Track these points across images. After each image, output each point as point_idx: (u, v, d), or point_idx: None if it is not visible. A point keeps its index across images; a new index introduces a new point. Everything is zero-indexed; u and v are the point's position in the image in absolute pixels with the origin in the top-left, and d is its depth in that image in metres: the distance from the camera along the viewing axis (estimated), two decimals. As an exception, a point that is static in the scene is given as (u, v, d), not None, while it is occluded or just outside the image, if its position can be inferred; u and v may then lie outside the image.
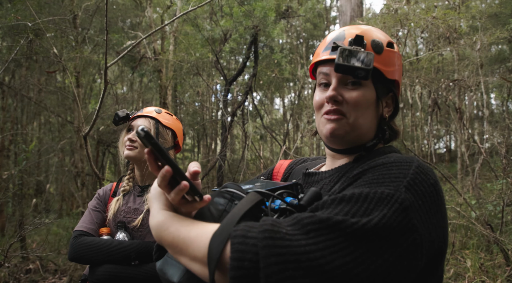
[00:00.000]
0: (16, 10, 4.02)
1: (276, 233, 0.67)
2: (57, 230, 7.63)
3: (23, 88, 7.95)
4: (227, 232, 0.69)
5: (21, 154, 6.50)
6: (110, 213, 1.88)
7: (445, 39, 5.05)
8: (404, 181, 0.77)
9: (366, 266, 0.67)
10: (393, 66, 1.00)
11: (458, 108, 5.55)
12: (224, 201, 0.84)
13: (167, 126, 1.95)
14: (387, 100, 1.03)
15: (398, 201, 0.73)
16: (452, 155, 13.41)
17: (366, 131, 1.00)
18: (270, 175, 1.31)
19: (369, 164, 0.87)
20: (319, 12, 12.71)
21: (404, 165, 0.82)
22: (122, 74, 12.72)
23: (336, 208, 0.74)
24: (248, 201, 0.78)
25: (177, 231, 0.77)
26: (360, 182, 0.82)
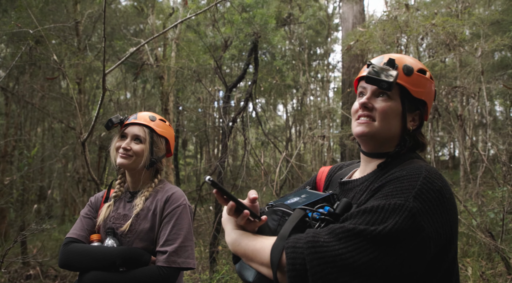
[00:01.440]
0: (18, 17, 4.06)
1: (317, 242, 0.94)
2: (59, 235, 7.64)
3: (27, 94, 8.01)
4: (282, 244, 0.99)
5: (23, 159, 6.53)
6: (100, 218, 1.88)
7: (445, 46, 5.05)
8: (413, 192, 0.99)
9: (385, 261, 0.91)
10: (421, 88, 1.21)
11: (459, 115, 5.52)
12: (277, 218, 1.14)
13: (161, 135, 1.95)
14: (414, 115, 1.24)
15: (408, 209, 0.96)
16: (455, 162, 13.32)
17: (390, 137, 1.22)
18: (314, 184, 1.56)
19: (387, 178, 1.10)
20: (321, 19, 12.74)
21: (413, 178, 1.03)
22: (125, 80, 12.80)
23: (360, 219, 0.98)
24: (294, 218, 1.07)
25: (247, 245, 1.08)
26: (379, 194, 1.05)
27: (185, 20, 3.31)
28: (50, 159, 9.68)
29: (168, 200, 1.84)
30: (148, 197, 1.89)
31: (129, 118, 1.97)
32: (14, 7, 5.37)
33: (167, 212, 1.81)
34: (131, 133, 1.89)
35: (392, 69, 1.16)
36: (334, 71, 17.28)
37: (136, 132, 1.88)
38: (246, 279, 1.13)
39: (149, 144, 1.89)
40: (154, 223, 1.81)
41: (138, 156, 1.87)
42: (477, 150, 5.28)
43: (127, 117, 1.98)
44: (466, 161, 5.56)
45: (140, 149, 1.86)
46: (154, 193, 1.90)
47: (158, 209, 1.83)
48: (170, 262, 1.71)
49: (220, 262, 5.45)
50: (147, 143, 1.88)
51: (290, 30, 11.33)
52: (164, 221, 1.80)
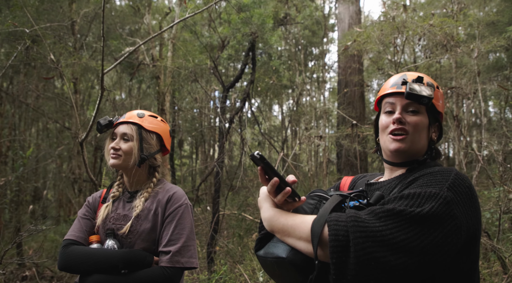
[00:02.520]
0: (14, 16, 4.02)
1: (358, 218, 1.01)
2: (54, 236, 7.58)
3: (21, 94, 7.94)
4: (323, 219, 1.04)
5: (18, 160, 6.48)
6: (99, 219, 1.86)
7: (442, 46, 5.07)
8: (446, 184, 1.08)
9: (421, 241, 0.98)
10: (440, 102, 1.35)
11: (456, 116, 5.56)
12: (314, 202, 1.21)
13: (150, 131, 1.91)
14: (435, 127, 1.36)
15: (443, 197, 1.04)
16: (450, 162, 13.39)
17: (421, 148, 1.31)
18: (337, 188, 1.62)
19: (420, 173, 1.19)
20: (317, 19, 12.76)
21: (446, 173, 1.13)
22: (121, 80, 12.73)
23: (398, 202, 1.05)
24: (334, 200, 1.14)
25: (285, 220, 1.13)
26: (414, 185, 1.14)
27: (184, 19, 3.30)
28: (45, 159, 9.60)
29: (169, 200, 1.83)
30: (148, 198, 1.87)
31: (118, 118, 1.95)
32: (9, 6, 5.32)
33: (169, 212, 1.80)
34: (120, 133, 1.87)
35: (423, 85, 1.28)
36: (329, 72, 17.32)
37: (123, 131, 1.86)
38: (277, 256, 1.13)
39: (138, 141, 1.86)
40: (156, 223, 1.80)
41: (127, 155, 1.84)
42: (473, 150, 5.31)
43: (117, 118, 1.96)
44: (463, 161, 5.59)
45: (128, 148, 1.84)
46: (154, 193, 1.88)
47: (159, 209, 1.81)
48: (174, 262, 1.70)
49: (218, 262, 5.44)
50: (135, 141, 1.86)
51: (287, 30, 11.35)
52: (166, 221, 1.79)
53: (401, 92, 1.33)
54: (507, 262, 3.96)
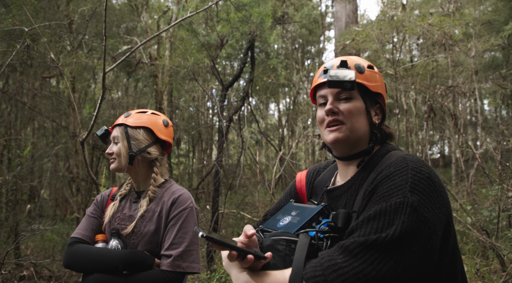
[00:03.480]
0: (13, 15, 3.99)
1: (335, 265, 0.94)
2: (52, 236, 7.55)
3: (18, 93, 7.89)
4: (299, 277, 0.97)
5: (15, 159, 6.44)
6: (106, 219, 1.86)
7: (440, 45, 5.10)
8: (407, 187, 1.00)
9: (404, 263, 0.93)
10: (375, 82, 1.26)
11: (453, 114, 5.59)
12: (282, 248, 1.08)
13: (136, 126, 1.86)
14: (375, 110, 1.28)
15: (409, 205, 0.97)
16: (446, 160, 13.49)
17: (362, 134, 1.22)
18: (295, 194, 1.52)
19: (377, 179, 1.10)
20: (314, 18, 12.78)
21: (402, 173, 1.04)
22: (117, 79, 12.68)
23: (367, 228, 0.98)
24: (303, 246, 1.04)
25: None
26: (375, 197, 1.05)
27: (185, 18, 3.29)
28: (41, 158, 9.55)
29: (174, 202, 1.80)
30: (153, 199, 1.86)
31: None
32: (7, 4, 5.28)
33: (173, 215, 1.77)
34: (111, 137, 1.90)
35: (347, 69, 1.21)
36: (326, 70, 17.29)
37: (113, 135, 1.88)
38: None
39: (126, 140, 1.85)
40: (160, 225, 1.78)
41: (119, 156, 1.85)
42: (470, 148, 5.35)
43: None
44: (460, 159, 5.63)
45: (117, 149, 1.85)
46: (160, 194, 1.87)
47: (164, 211, 1.79)
48: (175, 266, 1.68)
49: (218, 261, 5.44)
50: (123, 141, 1.85)
51: (284, 29, 11.35)
52: (169, 224, 1.77)
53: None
54: (506, 260, 4.00)
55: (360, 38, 5.74)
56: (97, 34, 9.45)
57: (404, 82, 5.90)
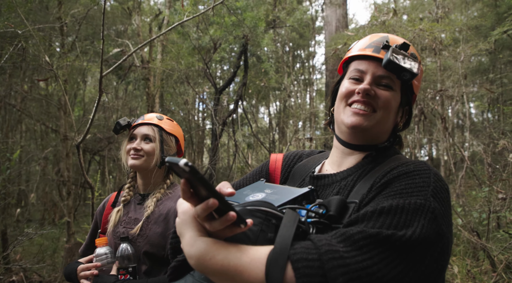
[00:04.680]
0: (6, 17, 3.96)
1: (335, 253, 0.72)
2: (41, 240, 7.43)
3: (7, 96, 7.78)
4: (285, 255, 0.72)
5: (5, 163, 6.34)
6: (110, 224, 1.86)
7: (430, 50, 5.20)
8: (429, 190, 0.86)
9: (414, 273, 0.75)
10: (420, 82, 1.11)
11: (443, 118, 5.70)
12: (258, 221, 0.80)
13: (170, 133, 1.94)
14: (404, 110, 1.12)
15: (430, 210, 0.82)
16: (435, 163, 13.69)
17: (385, 131, 1.08)
18: (267, 175, 1.28)
19: (392, 173, 0.93)
20: (306, 22, 12.90)
21: (424, 174, 0.91)
22: (108, 82, 12.58)
23: (378, 221, 0.80)
24: (291, 222, 0.79)
25: (226, 258, 0.75)
26: (389, 192, 0.88)
27: (182, 22, 3.30)
28: (29, 162, 9.41)
29: None
30: (160, 200, 1.86)
31: (136, 120, 1.96)
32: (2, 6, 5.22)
33: None
34: (140, 134, 1.88)
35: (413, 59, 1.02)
36: (315, 73, 17.49)
37: (145, 132, 1.88)
38: None
39: (159, 143, 1.88)
40: (166, 229, 1.77)
41: (149, 156, 1.86)
42: (460, 151, 5.46)
43: (134, 120, 1.98)
44: (450, 161, 5.74)
45: (151, 148, 1.86)
46: (167, 196, 1.88)
47: (170, 214, 1.79)
48: None
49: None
50: (157, 142, 1.88)
51: (275, 33, 11.43)
52: None
53: (377, 58, 1.05)
54: (496, 261, 4.09)
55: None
56: (86, 36, 9.39)
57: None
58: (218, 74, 12.52)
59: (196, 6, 6.59)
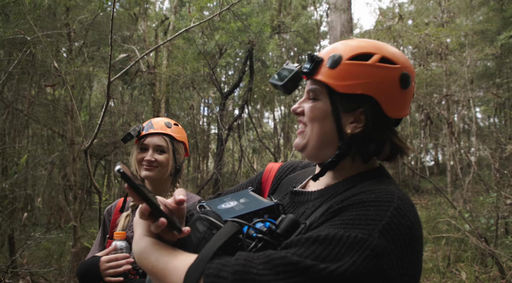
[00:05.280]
0: (16, 24, 4.01)
1: (247, 274, 0.71)
2: (48, 244, 7.47)
3: (15, 101, 7.86)
4: (201, 268, 0.75)
5: (12, 167, 6.39)
6: (119, 229, 1.87)
7: (436, 55, 5.20)
8: (380, 225, 0.77)
9: None
10: (352, 80, 0.94)
11: (450, 122, 5.68)
12: (203, 229, 0.86)
13: (179, 140, 1.95)
14: (355, 115, 0.97)
15: (370, 247, 0.74)
16: (441, 168, 13.61)
17: (322, 145, 1.00)
18: (259, 184, 1.30)
19: (350, 200, 0.87)
20: (310, 27, 12.94)
21: (382, 206, 0.82)
22: (113, 87, 12.67)
23: (308, 249, 0.75)
24: (224, 234, 0.82)
25: (156, 261, 0.82)
26: (337, 220, 0.82)
27: (190, 28, 3.33)
28: (35, 166, 9.47)
29: None
30: None
31: (143, 127, 1.94)
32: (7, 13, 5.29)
33: None
34: (153, 144, 1.87)
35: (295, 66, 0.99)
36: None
37: (158, 143, 1.87)
38: None
39: (172, 152, 1.89)
40: None
41: (164, 166, 1.87)
42: (467, 156, 5.43)
43: (141, 127, 1.95)
44: (457, 166, 5.70)
45: (165, 159, 1.87)
46: None
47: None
48: None
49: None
50: (170, 152, 1.89)
51: (280, 38, 11.48)
52: None
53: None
54: (505, 267, 4.05)
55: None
56: (93, 42, 9.47)
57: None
58: (223, 79, 12.58)
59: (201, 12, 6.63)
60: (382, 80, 0.94)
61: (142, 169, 1.86)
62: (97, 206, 3.18)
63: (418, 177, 11.54)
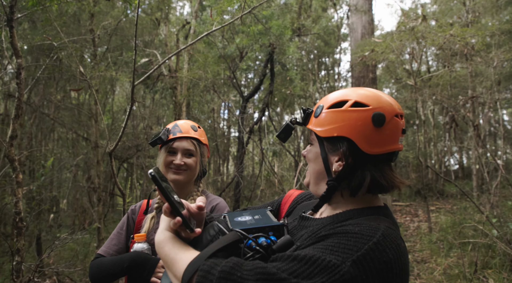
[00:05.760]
0: (43, 31, 4.15)
1: (231, 275, 0.85)
2: (72, 245, 7.65)
3: (41, 105, 8.11)
4: (198, 264, 0.91)
5: (39, 170, 6.59)
6: (144, 230, 1.89)
7: (461, 56, 5.07)
8: (354, 255, 0.85)
9: None
10: (331, 124, 1.08)
11: (476, 125, 5.53)
12: (213, 233, 1.06)
13: (204, 143, 1.98)
14: (339, 155, 1.08)
15: (340, 273, 0.82)
16: (466, 172, 13.25)
17: (318, 181, 1.15)
18: (278, 206, 1.46)
19: (336, 229, 0.96)
20: (331, 29, 12.86)
21: (363, 239, 0.89)
22: (135, 91, 12.90)
23: (287, 265, 0.86)
24: (224, 240, 0.99)
25: (169, 251, 1.02)
26: (320, 245, 0.92)
27: (211, 32, 3.36)
28: (61, 169, 9.74)
29: (213, 210, 1.88)
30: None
31: (169, 130, 1.95)
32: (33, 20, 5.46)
33: None
34: (182, 148, 1.89)
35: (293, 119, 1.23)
36: (340, 81, 17.36)
37: (186, 147, 1.90)
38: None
39: (199, 156, 1.93)
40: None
41: (192, 170, 1.90)
42: (494, 159, 5.26)
43: (168, 130, 1.96)
44: (484, 170, 5.53)
45: (193, 163, 1.90)
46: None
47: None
48: None
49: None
50: (198, 155, 1.92)
51: (300, 41, 11.45)
52: None
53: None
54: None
55: (379, 49, 5.74)
56: (117, 47, 9.70)
57: (423, 93, 5.86)
58: (244, 83, 12.64)
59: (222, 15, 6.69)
60: (354, 121, 1.05)
61: (170, 173, 1.88)
62: (120, 208, 3.24)
63: (442, 180, 11.26)
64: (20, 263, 2.78)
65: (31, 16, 5.97)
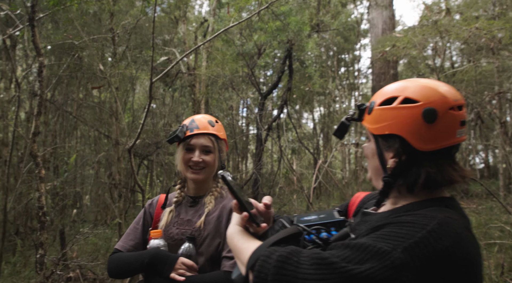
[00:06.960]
0: (65, 30, 4.22)
1: (288, 260, 0.91)
2: (95, 240, 7.81)
3: (64, 103, 8.29)
4: (260, 251, 0.99)
5: (62, 166, 6.75)
6: (162, 223, 1.89)
7: (487, 50, 4.89)
8: (407, 243, 0.86)
9: None
10: (382, 122, 1.09)
11: (503, 122, 5.33)
12: (277, 228, 1.19)
13: (222, 139, 1.95)
14: (394, 151, 1.09)
15: (391, 259, 0.84)
16: (492, 171, 12.84)
17: (377, 176, 1.18)
18: (346, 207, 1.51)
19: (393, 218, 1.00)
20: (350, 25, 12.67)
21: (416, 227, 0.90)
22: (155, 89, 13.04)
23: (340, 251, 0.91)
24: (285, 232, 1.11)
25: (238, 242, 1.13)
26: (373, 234, 0.95)
27: (228, 28, 3.34)
28: (83, 166, 9.94)
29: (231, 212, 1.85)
30: (218, 197, 1.91)
31: (186, 126, 1.90)
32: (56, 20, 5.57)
33: None
34: (199, 145, 1.86)
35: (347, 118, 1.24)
36: (360, 78, 17.12)
37: (205, 144, 1.87)
38: (232, 276, 1.21)
39: (217, 152, 1.90)
40: (219, 229, 1.80)
41: (210, 167, 1.87)
42: (521, 157, 5.07)
43: (185, 127, 1.91)
44: (511, 169, 5.34)
45: (212, 160, 1.87)
46: (220, 198, 1.91)
47: (224, 215, 1.82)
48: None
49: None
50: (216, 151, 1.89)
51: (319, 37, 11.33)
52: None
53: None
54: None
55: (401, 44, 5.61)
56: (136, 45, 9.82)
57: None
58: (262, 80, 12.60)
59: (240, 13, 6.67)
60: (404, 119, 1.05)
61: (188, 171, 1.87)
62: (140, 204, 3.27)
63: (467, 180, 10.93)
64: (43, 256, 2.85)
65: (54, 16, 6.10)
